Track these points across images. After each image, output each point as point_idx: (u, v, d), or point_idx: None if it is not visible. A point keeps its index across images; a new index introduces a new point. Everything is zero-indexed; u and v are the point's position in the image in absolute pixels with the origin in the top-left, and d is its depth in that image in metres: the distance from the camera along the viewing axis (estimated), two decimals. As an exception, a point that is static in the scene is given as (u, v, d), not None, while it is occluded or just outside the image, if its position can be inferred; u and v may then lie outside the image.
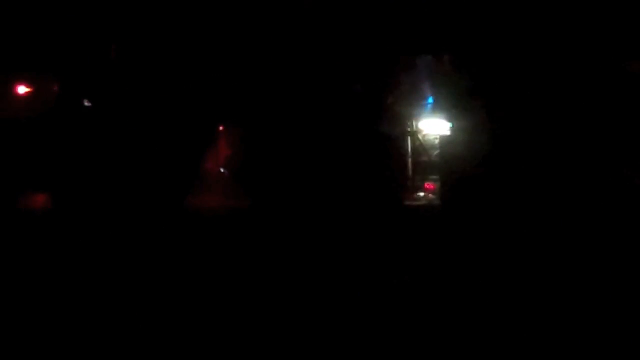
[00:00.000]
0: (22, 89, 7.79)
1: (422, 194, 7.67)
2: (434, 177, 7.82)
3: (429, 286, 4.85)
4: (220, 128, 8.41)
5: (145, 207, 6.55)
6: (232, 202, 7.37)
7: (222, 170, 8.30)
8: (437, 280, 4.98)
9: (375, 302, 4.57)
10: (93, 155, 7.00)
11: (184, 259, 5.48)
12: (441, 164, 7.54)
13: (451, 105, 7.37)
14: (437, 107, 8.34)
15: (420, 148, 8.10)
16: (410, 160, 8.06)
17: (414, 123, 8.16)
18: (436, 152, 7.94)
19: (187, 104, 7.66)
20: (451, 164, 6.99)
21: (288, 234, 5.93)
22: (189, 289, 4.86)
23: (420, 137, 8.17)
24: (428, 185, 7.95)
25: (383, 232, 6.18)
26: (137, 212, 6.46)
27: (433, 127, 8.23)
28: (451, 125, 7.33)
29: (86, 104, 7.55)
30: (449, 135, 7.35)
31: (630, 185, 5.75)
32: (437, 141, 8.01)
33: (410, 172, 8.05)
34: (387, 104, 8.20)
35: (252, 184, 7.27)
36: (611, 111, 6.03)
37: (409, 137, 8.14)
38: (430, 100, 8.33)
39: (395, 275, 5.07)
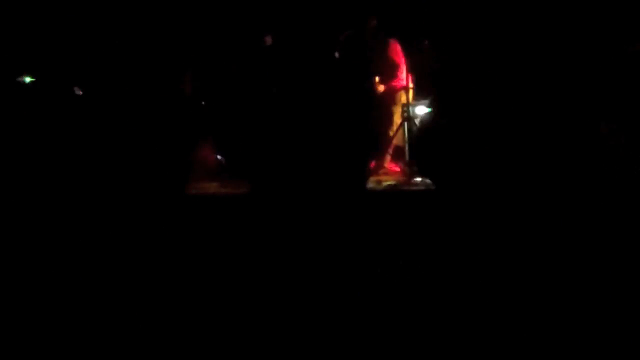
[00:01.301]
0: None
1: (419, 179, 7.67)
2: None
3: (424, 272, 4.87)
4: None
5: (143, 196, 6.56)
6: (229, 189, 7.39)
7: (218, 157, 8.30)
8: (432, 266, 5.00)
9: (373, 287, 4.59)
10: (88, 148, 7.02)
11: (181, 247, 5.49)
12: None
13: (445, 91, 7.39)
14: (433, 94, 8.35)
15: (417, 133, 8.09)
16: (407, 146, 8.06)
17: (410, 109, 8.14)
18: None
19: (182, 93, 7.67)
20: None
21: (287, 221, 5.95)
22: (190, 276, 4.88)
23: (416, 122, 8.16)
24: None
25: (380, 216, 6.21)
26: (134, 202, 6.47)
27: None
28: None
29: (78, 92, 7.56)
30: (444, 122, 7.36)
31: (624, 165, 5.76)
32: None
33: (407, 157, 8.05)
34: (383, 89, 8.21)
35: (250, 171, 7.30)
36: (603, 95, 6.04)
37: (405, 123, 8.12)
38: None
39: (390, 261, 5.08)
